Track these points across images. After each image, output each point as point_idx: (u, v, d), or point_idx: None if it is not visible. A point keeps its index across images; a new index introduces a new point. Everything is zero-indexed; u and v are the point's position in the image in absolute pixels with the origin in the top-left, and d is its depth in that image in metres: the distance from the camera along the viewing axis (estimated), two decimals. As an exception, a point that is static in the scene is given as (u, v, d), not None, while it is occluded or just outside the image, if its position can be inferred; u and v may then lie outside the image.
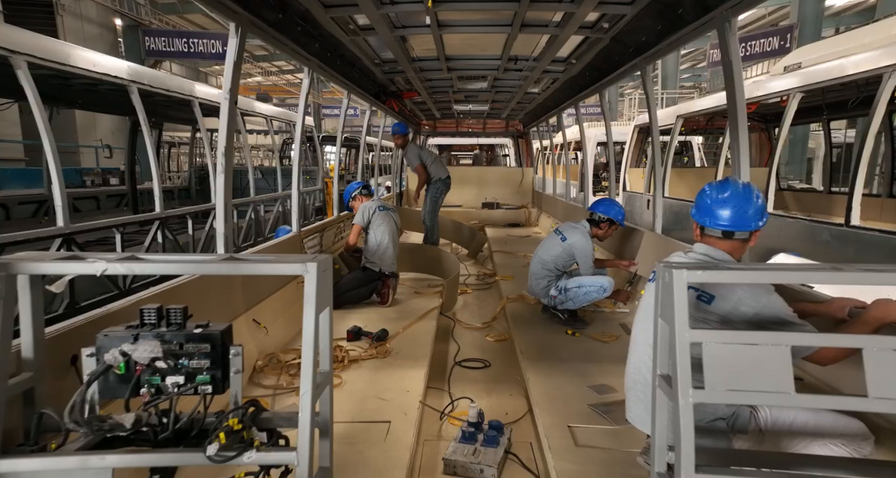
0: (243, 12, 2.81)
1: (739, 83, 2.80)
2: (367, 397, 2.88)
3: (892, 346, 1.31)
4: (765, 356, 1.37)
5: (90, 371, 1.46)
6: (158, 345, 1.46)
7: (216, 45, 13.61)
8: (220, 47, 13.56)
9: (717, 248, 1.93)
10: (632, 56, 4.12)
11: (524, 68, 5.61)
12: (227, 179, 3.01)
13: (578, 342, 3.75)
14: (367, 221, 4.89)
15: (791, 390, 1.34)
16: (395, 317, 4.36)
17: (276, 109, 11.16)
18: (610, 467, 2.18)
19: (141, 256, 1.58)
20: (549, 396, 2.87)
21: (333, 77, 4.77)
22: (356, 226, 4.95)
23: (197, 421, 1.53)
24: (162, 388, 1.49)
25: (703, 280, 1.41)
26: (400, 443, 2.41)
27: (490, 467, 2.38)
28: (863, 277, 1.32)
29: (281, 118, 10.82)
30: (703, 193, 1.98)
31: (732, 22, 2.74)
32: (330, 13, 3.53)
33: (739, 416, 1.80)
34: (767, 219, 1.91)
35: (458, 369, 3.68)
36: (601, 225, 4.07)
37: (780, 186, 9.95)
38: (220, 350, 1.52)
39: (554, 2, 3.46)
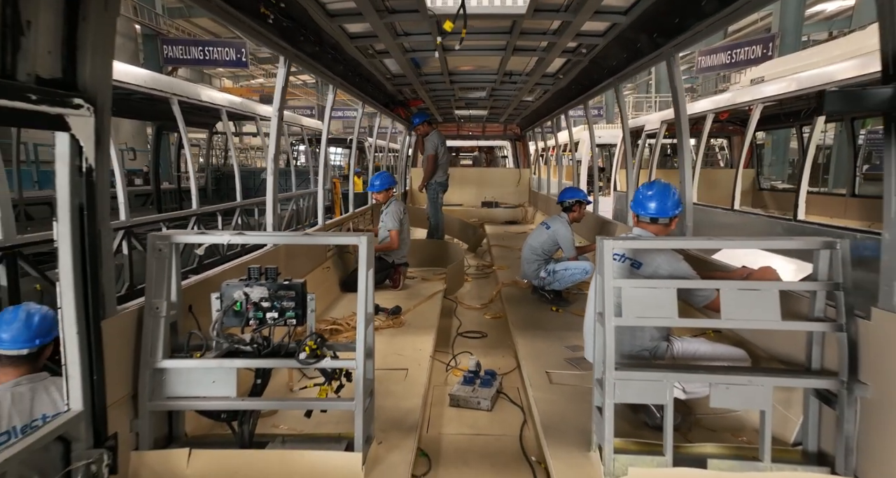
0: (290, 48, 3.56)
1: (683, 104, 3.55)
2: (388, 354, 3.61)
3: (736, 287, 2.06)
4: (659, 296, 2.11)
5: (217, 308, 2.21)
6: (265, 290, 2.20)
7: (230, 52, 14.33)
8: (234, 54, 14.27)
9: (646, 229, 2.69)
10: (607, 76, 4.87)
11: (518, 81, 6.36)
12: (275, 178, 3.75)
13: (561, 317, 4.50)
14: (399, 223, 5.49)
15: (675, 316, 2.09)
16: (406, 298, 5.10)
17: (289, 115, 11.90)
18: (573, 397, 2.91)
19: (244, 232, 2.34)
20: (533, 352, 3.61)
21: (352, 92, 5.52)
22: (394, 232, 5.43)
23: (284, 345, 2.27)
24: (264, 320, 2.23)
25: (621, 247, 2.16)
26: (416, 383, 3.15)
27: (485, 399, 3.13)
28: (718, 243, 2.06)
29: (294, 123, 11.57)
30: (637, 191, 2.73)
31: (676, 56, 3.49)
32: (354, 43, 4.28)
33: (658, 348, 2.55)
34: (682, 209, 2.67)
35: (459, 339, 4.42)
36: (573, 209, 4.83)
37: (761, 186, 10.70)
38: (301, 296, 2.27)
39: (539, 33, 4.21)
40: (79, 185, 1.78)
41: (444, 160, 7.87)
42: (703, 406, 2.71)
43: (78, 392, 1.81)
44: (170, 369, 2.15)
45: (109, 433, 1.91)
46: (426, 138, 7.71)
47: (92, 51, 1.75)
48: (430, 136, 7.68)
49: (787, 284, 2.26)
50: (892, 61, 1.69)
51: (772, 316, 2.02)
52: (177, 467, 2.09)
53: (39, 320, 2.18)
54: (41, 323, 2.18)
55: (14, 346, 2.12)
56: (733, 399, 2.08)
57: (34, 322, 2.16)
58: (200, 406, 2.20)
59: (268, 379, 2.33)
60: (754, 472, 2.02)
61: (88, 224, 1.82)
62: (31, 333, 2.14)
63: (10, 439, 1.99)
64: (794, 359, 2.38)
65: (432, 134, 7.71)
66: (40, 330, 2.17)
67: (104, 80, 1.83)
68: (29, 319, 2.16)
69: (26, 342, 2.13)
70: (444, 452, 2.67)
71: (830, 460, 2.02)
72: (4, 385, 2.10)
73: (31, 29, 1.53)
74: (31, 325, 2.15)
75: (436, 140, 7.65)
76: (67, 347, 1.80)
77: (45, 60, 1.62)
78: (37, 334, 2.15)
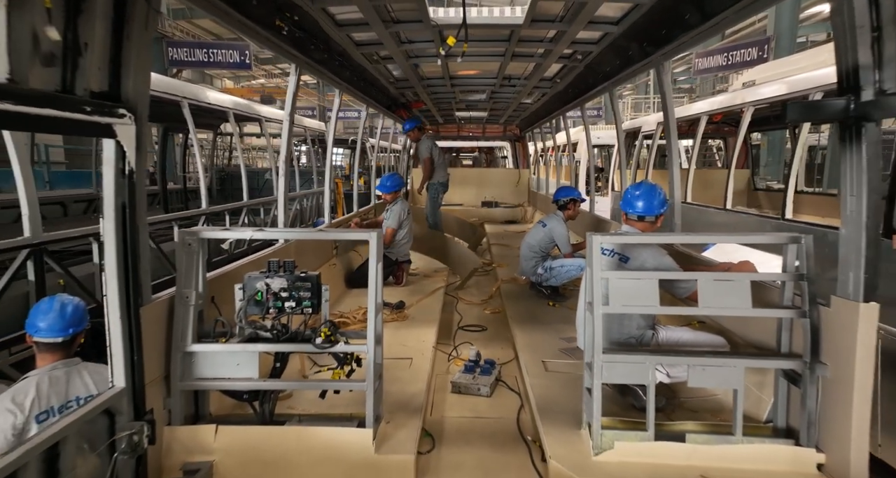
0: (301, 56, 3.77)
1: (671, 109, 3.77)
2: (393, 345, 3.82)
3: (712, 278, 2.27)
4: (643, 286, 2.33)
5: (240, 298, 2.43)
6: (284, 281, 2.42)
7: (233, 54, 14.54)
8: (237, 56, 14.48)
9: (634, 227, 2.90)
10: (602, 80, 5.09)
11: (517, 85, 6.58)
12: (286, 179, 3.96)
13: (557, 311, 4.71)
14: (399, 223, 5.72)
15: (657, 304, 2.30)
16: (409, 294, 5.32)
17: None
18: (567, 383, 3.12)
19: (264, 228, 2.55)
20: (530, 343, 3.83)
21: (357, 95, 5.74)
22: (390, 229, 5.63)
23: (301, 332, 2.49)
24: (283, 309, 2.45)
25: (608, 242, 2.37)
26: (420, 371, 3.37)
27: (485, 386, 3.34)
28: (697, 238, 2.28)
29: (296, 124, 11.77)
30: (626, 191, 2.95)
31: (665, 64, 3.70)
32: (360, 50, 4.50)
33: (644, 336, 2.76)
34: (667, 208, 2.88)
35: (461, 332, 4.63)
36: (567, 207, 5.05)
37: (757, 186, 10.91)
38: (317, 287, 2.48)
39: (536, 41, 4.43)
40: (122, 186, 2.00)
41: (441, 161, 8.02)
42: (686, 390, 2.93)
43: (121, 371, 2.03)
44: (198, 353, 2.36)
45: (147, 409, 2.13)
46: (419, 143, 7.90)
47: (134, 66, 1.97)
48: (422, 140, 7.88)
49: (757, 275, 2.48)
50: (846, 77, 1.91)
51: (744, 304, 2.24)
52: (205, 440, 2.30)
53: (72, 311, 2.39)
54: (74, 313, 2.39)
55: (50, 334, 2.33)
56: (709, 379, 2.29)
57: (68, 312, 2.37)
58: (226, 386, 2.42)
59: (286, 363, 2.55)
60: (727, 445, 2.23)
61: (129, 221, 2.04)
62: (66, 323, 2.35)
63: (49, 417, 2.21)
64: (768, 345, 2.59)
65: (423, 139, 7.91)
66: (73, 320, 2.38)
67: (143, 91, 2.05)
68: (63, 309, 2.37)
69: (61, 331, 2.34)
70: (447, 432, 2.88)
71: (796, 434, 2.24)
72: (42, 369, 2.32)
73: (88, 49, 1.75)
74: (65, 315, 2.36)
75: (428, 143, 7.84)
76: (112, 331, 2.02)
77: (96, 76, 1.84)
78: (70, 324, 2.36)
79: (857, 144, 1.92)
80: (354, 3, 3.20)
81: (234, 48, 14.81)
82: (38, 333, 2.30)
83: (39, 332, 2.30)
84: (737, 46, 13.92)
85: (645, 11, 3.25)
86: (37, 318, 2.31)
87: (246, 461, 2.29)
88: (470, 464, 2.54)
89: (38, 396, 2.19)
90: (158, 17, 2.08)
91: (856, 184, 1.95)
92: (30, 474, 1.59)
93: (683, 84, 30.67)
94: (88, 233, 4.56)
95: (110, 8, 1.84)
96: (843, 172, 2.01)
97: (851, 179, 1.97)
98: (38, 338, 2.30)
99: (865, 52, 1.83)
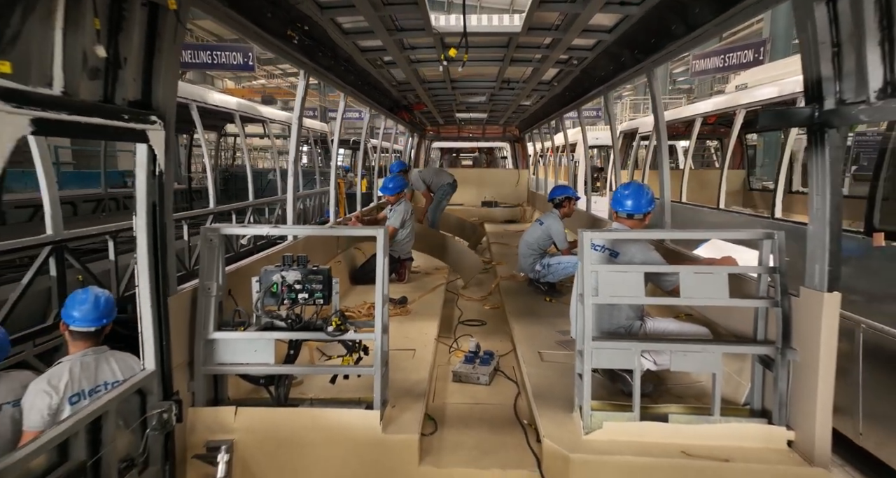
0: (309, 62, 3.97)
1: (661, 113, 3.97)
2: (397, 337, 4.00)
3: (693, 271, 2.47)
4: (629, 278, 2.53)
5: (257, 289, 2.62)
6: (298, 274, 2.62)
7: (237, 56, 14.74)
8: (241, 58, 14.68)
9: (623, 224, 3.10)
10: (597, 84, 5.28)
11: (516, 88, 6.77)
12: (295, 178, 4.15)
13: (553, 306, 4.91)
14: (402, 223, 5.94)
15: (642, 295, 2.50)
16: (412, 290, 5.51)
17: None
18: (562, 372, 3.31)
19: (279, 225, 2.76)
20: (527, 336, 4.02)
21: (361, 99, 5.94)
22: (392, 228, 5.79)
23: (313, 321, 2.68)
24: (296, 300, 2.65)
25: (598, 237, 2.57)
26: (423, 361, 3.56)
27: (484, 375, 3.54)
28: (678, 234, 2.47)
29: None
30: (616, 191, 3.15)
31: (654, 70, 3.90)
32: (365, 56, 4.69)
33: (633, 326, 2.95)
34: (654, 206, 3.08)
35: (461, 327, 4.83)
36: (563, 205, 5.25)
37: (752, 186, 11.11)
38: (328, 280, 2.68)
39: (534, 47, 4.62)
40: (153, 186, 2.20)
41: (434, 174, 8.66)
42: (672, 378, 3.13)
43: (151, 355, 2.23)
44: (219, 340, 2.56)
45: (174, 390, 2.32)
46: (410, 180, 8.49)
47: (163, 76, 2.16)
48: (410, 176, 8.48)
49: (733, 268, 2.67)
50: (811, 88, 2.10)
51: (721, 295, 2.43)
52: (225, 421, 2.50)
53: (104, 303, 2.59)
54: (105, 305, 2.59)
55: (84, 324, 2.52)
56: (690, 364, 2.49)
57: (101, 304, 2.57)
58: (245, 371, 2.61)
59: (299, 350, 2.75)
60: (706, 424, 2.43)
61: (159, 218, 2.23)
62: (98, 314, 2.55)
63: (81, 400, 2.40)
64: (747, 334, 2.78)
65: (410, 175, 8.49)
66: (104, 311, 2.58)
67: (171, 98, 2.24)
68: (97, 301, 2.56)
69: (94, 321, 2.53)
70: (448, 417, 3.07)
71: (769, 414, 2.44)
72: (74, 356, 2.51)
73: (126, 63, 1.95)
74: (98, 306, 2.55)
75: (417, 176, 8.49)
76: (143, 318, 2.21)
77: (132, 87, 2.03)
78: (102, 315, 2.56)
79: (821, 148, 2.11)
80: (361, 13, 3.38)
81: (237, 50, 15.00)
82: (73, 322, 2.49)
83: (75, 321, 2.49)
84: (733, 49, 14.10)
85: (635, 22, 3.44)
86: (73, 308, 2.50)
87: (263, 439, 2.48)
88: (470, 444, 2.74)
89: (71, 379, 2.38)
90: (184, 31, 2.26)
91: (820, 184, 2.15)
92: (79, 443, 1.79)
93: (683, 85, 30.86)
94: (105, 231, 4.76)
95: (144, 24, 2.03)
96: (810, 174, 2.21)
97: (817, 180, 2.16)
98: (74, 327, 2.50)
99: (827, 65, 2.02)
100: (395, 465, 2.51)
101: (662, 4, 3.02)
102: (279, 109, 14.32)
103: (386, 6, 3.39)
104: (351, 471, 2.49)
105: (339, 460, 2.49)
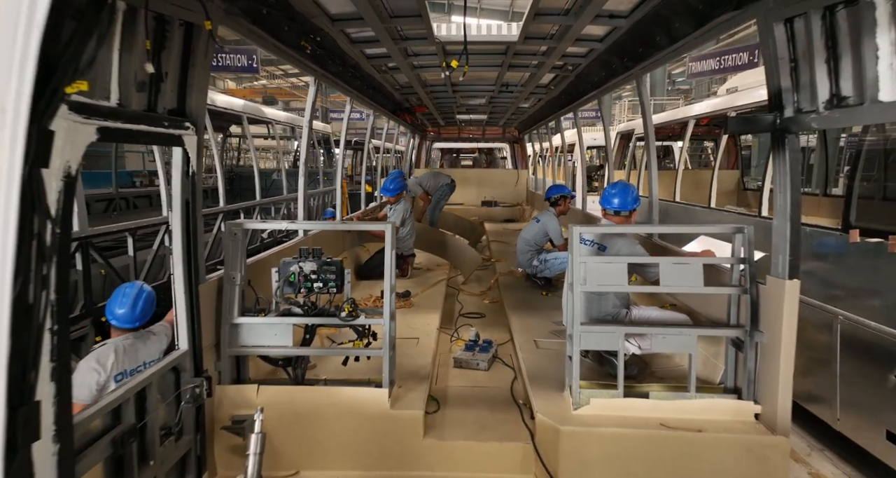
0: (320, 70, 4.23)
1: (650, 117, 4.23)
2: (401, 327, 4.26)
3: (671, 262, 2.73)
4: (614, 269, 2.79)
5: (276, 279, 2.89)
6: (314, 265, 2.88)
7: (241, 58, 15.01)
8: (245, 60, 14.94)
9: (611, 220, 3.37)
10: (591, 89, 5.55)
11: (514, 91, 7.03)
12: (305, 178, 4.41)
13: (549, 299, 5.17)
14: (402, 221, 6.22)
15: (626, 284, 2.76)
16: (414, 285, 5.77)
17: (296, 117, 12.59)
18: (555, 358, 3.56)
19: (294, 221, 3.02)
20: (524, 326, 4.28)
21: (366, 102, 6.20)
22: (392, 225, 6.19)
23: (327, 308, 2.95)
24: (312, 289, 2.91)
25: (586, 231, 2.84)
26: (426, 348, 3.83)
27: (483, 361, 3.80)
28: (658, 229, 2.73)
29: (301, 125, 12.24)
30: (604, 190, 3.41)
31: (644, 77, 4.16)
32: (371, 62, 4.95)
33: (619, 313, 3.22)
34: (639, 204, 3.34)
35: (461, 319, 5.09)
36: (559, 203, 5.52)
37: (746, 186, 11.37)
38: (340, 271, 2.94)
39: (530, 54, 4.88)
40: (186, 185, 2.46)
41: (431, 177, 8.95)
42: (657, 362, 3.39)
43: (185, 336, 2.49)
44: (242, 325, 2.83)
45: (203, 368, 2.59)
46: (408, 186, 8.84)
47: (196, 87, 2.42)
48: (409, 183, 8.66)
49: (708, 259, 2.93)
50: (774, 97, 2.37)
51: (697, 283, 2.70)
52: (249, 397, 2.76)
53: (143, 304, 2.78)
54: (144, 306, 2.78)
55: (122, 324, 2.75)
56: (669, 345, 2.76)
57: (139, 307, 2.75)
58: (265, 352, 2.88)
59: (314, 335, 3.01)
60: (682, 400, 2.69)
61: (191, 214, 2.50)
62: (134, 317, 2.74)
63: (124, 378, 2.66)
64: (723, 321, 3.05)
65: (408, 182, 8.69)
66: (142, 313, 2.77)
67: (202, 106, 2.50)
68: (135, 304, 2.75)
69: (130, 324, 2.76)
70: (450, 398, 3.34)
71: (740, 391, 2.70)
72: (118, 338, 2.76)
73: (167, 77, 2.21)
74: (136, 309, 2.75)
75: (414, 181, 8.75)
76: (177, 303, 2.48)
77: (170, 97, 2.30)
78: (138, 318, 2.75)
79: (782, 151, 2.37)
80: (369, 24, 3.64)
81: (242, 53, 15.27)
82: (113, 319, 2.74)
83: (115, 319, 2.74)
84: (728, 51, 14.36)
85: (623, 32, 3.70)
86: (114, 305, 2.73)
87: (283, 414, 2.75)
88: (469, 421, 3.00)
89: (116, 359, 2.64)
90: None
91: (782, 183, 2.41)
92: (129, 408, 2.05)
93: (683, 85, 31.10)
94: (126, 228, 5.03)
95: (181, 42, 2.30)
96: (774, 174, 2.47)
97: (779, 180, 2.42)
98: (114, 324, 2.75)
99: (786, 78, 2.28)
100: (401, 438, 2.77)
101: (647, 18, 3.28)
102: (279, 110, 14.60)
103: (392, 18, 3.65)
104: (362, 442, 2.76)
105: (351, 432, 2.76)
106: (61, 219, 1.35)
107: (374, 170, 14.11)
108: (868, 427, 3.73)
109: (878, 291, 3.68)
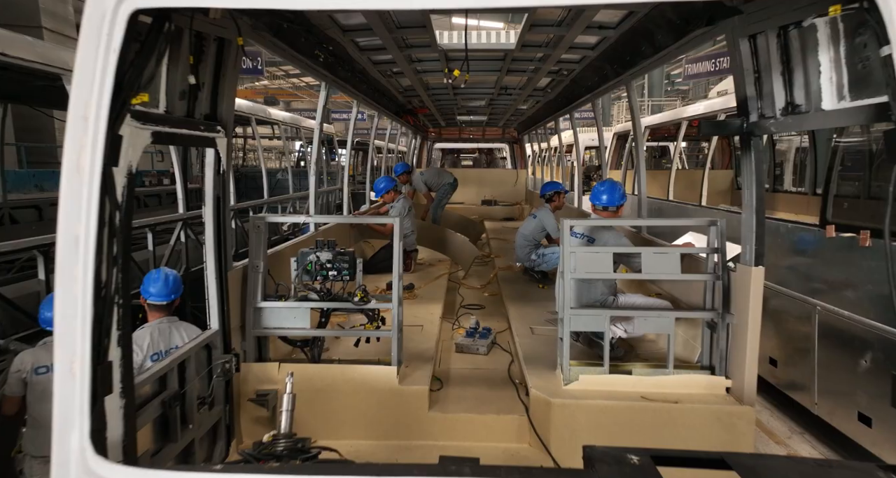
0: (330, 76, 4.53)
1: (639, 120, 4.53)
2: (406, 316, 4.49)
3: (652, 252, 3.03)
4: (601, 258, 3.08)
5: (295, 268, 3.19)
6: (329, 255, 3.18)
7: (245, 61, 15.33)
8: (249, 63, 15.26)
9: (600, 215, 3.67)
10: (585, 92, 5.84)
11: (513, 93, 7.33)
12: (316, 178, 4.71)
13: (546, 291, 5.46)
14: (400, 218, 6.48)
15: (611, 272, 3.06)
16: (417, 279, 6.08)
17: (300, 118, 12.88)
18: (549, 343, 3.85)
19: (312, 215, 3.32)
20: (521, 315, 4.58)
21: (371, 105, 6.50)
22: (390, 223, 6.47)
23: (340, 294, 3.24)
24: (327, 276, 3.21)
25: (577, 224, 3.14)
26: (429, 335, 4.13)
27: (483, 346, 4.10)
28: (641, 222, 3.03)
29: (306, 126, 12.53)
30: (594, 187, 3.71)
31: (632, 83, 4.46)
32: (377, 67, 5.25)
33: (607, 300, 3.51)
34: (626, 200, 3.64)
35: (462, 310, 5.39)
36: (553, 199, 5.82)
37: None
38: (353, 260, 3.24)
39: (527, 60, 5.18)
40: (217, 182, 2.75)
41: (435, 174, 9.29)
42: (642, 345, 3.69)
43: (216, 316, 2.79)
44: (265, 308, 3.13)
45: (231, 347, 2.89)
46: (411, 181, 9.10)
47: (226, 94, 2.72)
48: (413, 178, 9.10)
49: (685, 249, 3.24)
50: (741, 103, 2.66)
51: (675, 270, 2.99)
52: (271, 374, 3.06)
53: (173, 280, 3.14)
54: (174, 282, 3.14)
55: (158, 298, 3.08)
56: (649, 327, 3.06)
57: (170, 282, 3.12)
58: (286, 333, 3.18)
59: (328, 319, 3.31)
60: (662, 376, 2.99)
61: (222, 208, 2.79)
62: (169, 290, 3.10)
63: (160, 358, 2.96)
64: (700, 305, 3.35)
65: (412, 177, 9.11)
66: (174, 287, 3.13)
67: (230, 112, 2.80)
68: (167, 279, 3.11)
69: (166, 296, 3.09)
70: (452, 378, 3.64)
71: (713, 368, 3.00)
72: (153, 323, 3.07)
73: (203, 86, 2.51)
74: (168, 284, 3.11)
75: (419, 178, 9.12)
76: (209, 288, 2.77)
77: (204, 103, 2.59)
78: (172, 291, 3.12)
79: (748, 152, 2.67)
80: (377, 34, 3.94)
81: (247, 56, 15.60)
82: (149, 297, 3.06)
83: (151, 296, 3.06)
84: (723, 53, 14.67)
85: (612, 41, 3.99)
86: (149, 285, 3.06)
87: (302, 389, 3.00)
88: (470, 397, 3.30)
89: (151, 341, 2.95)
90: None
91: (748, 181, 2.70)
92: (174, 376, 2.35)
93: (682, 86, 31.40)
94: (146, 224, 5.33)
95: (215, 55, 2.59)
96: (742, 172, 2.76)
97: (746, 177, 2.72)
98: (150, 301, 3.06)
99: (751, 87, 2.57)
100: (409, 411, 3.07)
101: (633, 30, 3.58)
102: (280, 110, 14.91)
103: (399, 29, 3.95)
104: (373, 415, 3.06)
105: (363, 406, 3.06)
106: (125, 209, 1.64)
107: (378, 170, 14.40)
108: (842, 410, 4.01)
109: (851, 282, 3.96)
